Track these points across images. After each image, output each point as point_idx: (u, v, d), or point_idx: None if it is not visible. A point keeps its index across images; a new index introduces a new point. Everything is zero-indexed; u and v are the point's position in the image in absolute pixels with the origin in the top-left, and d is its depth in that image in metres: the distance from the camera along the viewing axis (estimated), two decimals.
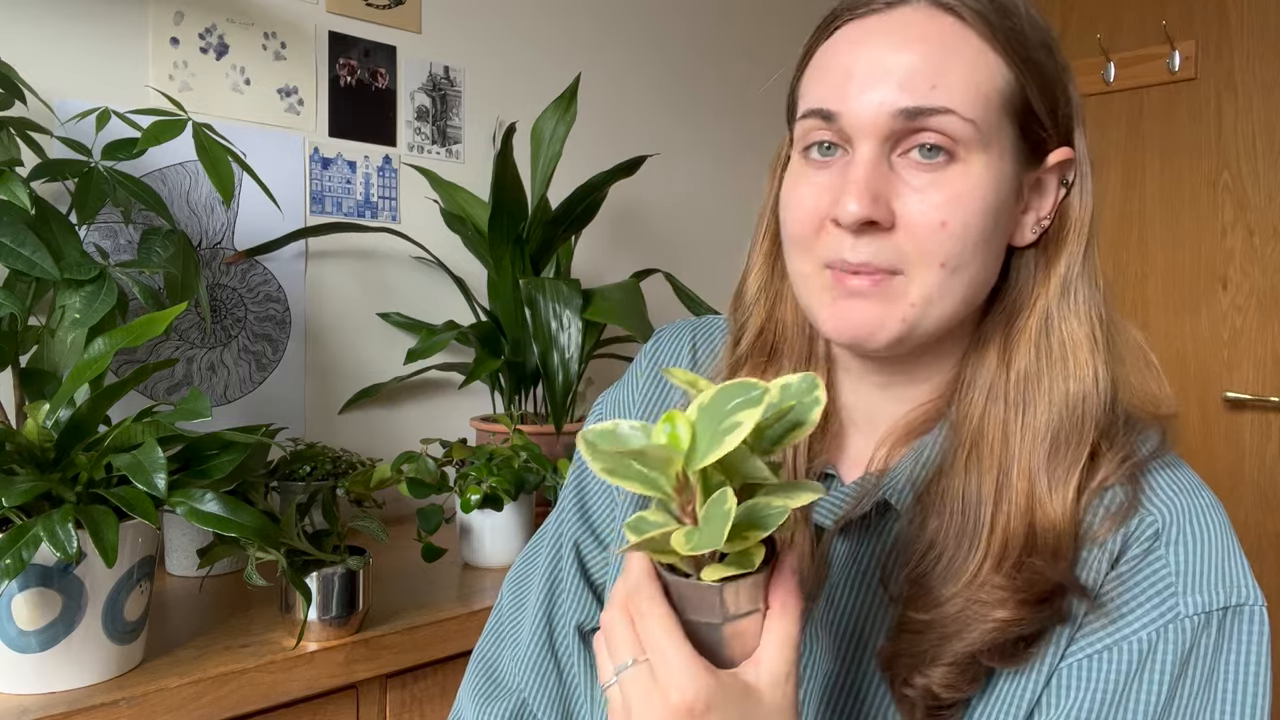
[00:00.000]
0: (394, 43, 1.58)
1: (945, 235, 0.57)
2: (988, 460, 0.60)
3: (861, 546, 0.65)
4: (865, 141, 0.58)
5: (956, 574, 0.57)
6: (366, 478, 1.21)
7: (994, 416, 0.61)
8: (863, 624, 0.63)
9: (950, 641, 0.56)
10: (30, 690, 0.83)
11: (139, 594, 0.89)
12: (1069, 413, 0.59)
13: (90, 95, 1.26)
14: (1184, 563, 0.58)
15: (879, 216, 0.57)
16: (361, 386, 1.52)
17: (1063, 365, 0.60)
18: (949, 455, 0.61)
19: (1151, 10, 2.18)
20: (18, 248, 0.88)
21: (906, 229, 0.58)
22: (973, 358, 0.64)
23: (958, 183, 0.58)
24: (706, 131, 2.05)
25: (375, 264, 1.57)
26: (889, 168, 0.58)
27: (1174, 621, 0.56)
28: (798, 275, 0.63)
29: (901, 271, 0.59)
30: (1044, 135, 0.61)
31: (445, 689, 1.09)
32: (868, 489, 0.64)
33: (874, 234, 0.58)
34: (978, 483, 0.59)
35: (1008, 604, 0.56)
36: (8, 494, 0.77)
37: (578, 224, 1.50)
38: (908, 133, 0.58)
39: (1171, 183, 2.20)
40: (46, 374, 0.95)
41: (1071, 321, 0.61)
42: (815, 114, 0.60)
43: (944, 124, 0.57)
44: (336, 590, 0.98)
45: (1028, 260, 0.64)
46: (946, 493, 0.60)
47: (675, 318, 1.64)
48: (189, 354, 1.37)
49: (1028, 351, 0.61)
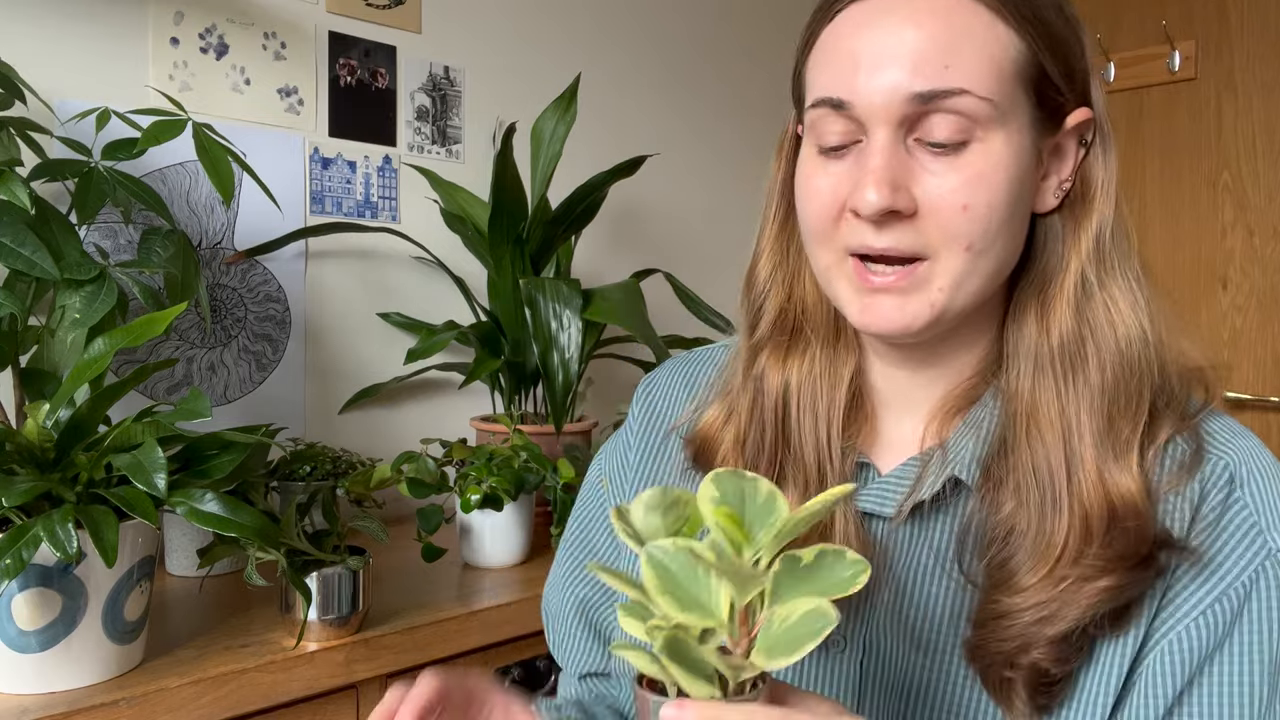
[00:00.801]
0: (394, 43, 1.58)
1: (968, 218, 0.56)
2: (1049, 433, 0.58)
3: (929, 530, 0.62)
4: (879, 128, 0.57)
5: (1045, 554, 0.56)
6: (366, 478, 1.21)
7: (1045, 386, 0.59)
8: (941, 612, 0.61)
9: (1052, 621, 0.55)
10: (30, 690, 0.83)
11: (139, 594, 0.89)
12: (1124, 372, 0.58)
13: (90, 95, 1.26)
14: (1261, 501, 0.58)
15: (900, 205, 0.56)
16: (361, 386, 1.52)
17: (1109, 327, 0.59)
18: (1008, 430, 0.60)
19: (1151, 10, 2.18)
20: (18, 248, 0.88)
21: (928, 215, 0.56)
22: (1011, 330, 0.62)
23: (978, 163, 0.56)
24: (706, 131, 2.05)
25: (375, 264, 1.57)
26: (905, 152, 0.57)
27: (1269, 558, 0.56)
28: (821, 266, 0.62)
29: (925, 257, 0.57)
30: (1061, 100, 0.59)
31: None
32: (930, 467, 0.61)
33: (896, 222, 0.57)
34: (1045, 456, 0.58)
35: (1113, 571, 0.55)
36: (8, 494, 0.77)
37: (578, 224, 1.50)
38: (922, 116, 0.56)
39: (1171, 183, 2.20)
40: (46, 374, 0.95)
41: (1109, 284, 0.60)
42: (825, 103, 0.59)
43: (960, 105, 0.55)
44: (336, 590, 0.98)
45: (1053, 225, 0.62)
46: (1015, 470, 0.58)
47: (675, 318, 1.65)
48: (189, 354, 1.37)
49: (1068, 316, 0.59)
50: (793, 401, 0.66)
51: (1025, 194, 0.59)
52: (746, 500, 0.45)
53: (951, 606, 0.61)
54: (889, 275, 0.58)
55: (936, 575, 0.62)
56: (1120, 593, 0.55)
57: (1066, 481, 0.57)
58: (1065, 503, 0.56)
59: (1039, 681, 0.56)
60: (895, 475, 0.63)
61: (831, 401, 0.65)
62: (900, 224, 0.57)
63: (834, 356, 0.67)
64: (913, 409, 0.66)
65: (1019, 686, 0.56)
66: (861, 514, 0.63)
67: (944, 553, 0.62)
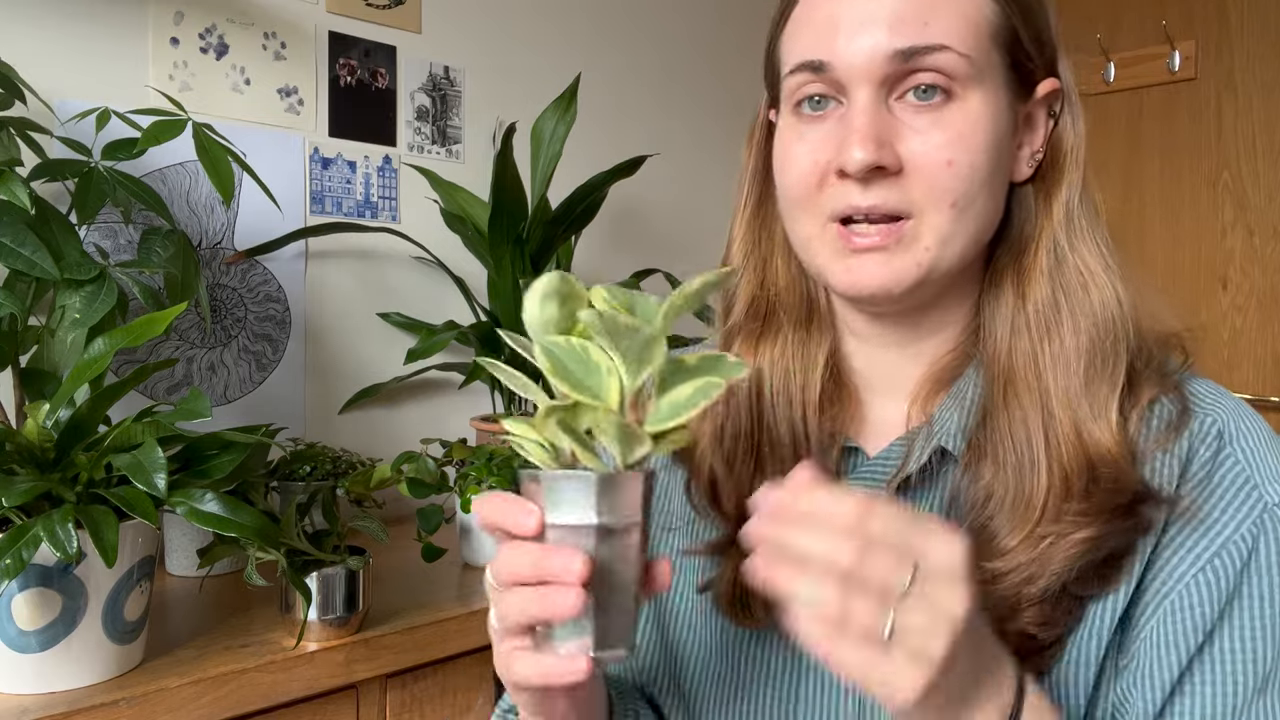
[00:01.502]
0: (394, 43, 1.58)
1: (952, 174, 0.57)
2: (1026, 395, 0.59)
3: (917, 507, 0.62)
4: (861, 87, 0.57)
5: (1025, 516, 0.56)
6: (366, 478, 1.21)
7: (1021, 350, 0.60)
8: None
9: (1035, 581, 0.55)
10: (30, 690, 0.83)
11: (139, 594, 0.89)
12: (1099, 335, 0.59)
13: (90, 95, 1.26)
14: (1252, 455, 0.58)
15: (886, 161, 0.56)
16: (361, 386, 1.52)
17: (1082, 291, 0.60)
18: (989, 398, 0.60)
19: (1151, 10, 2.18)
20: (18, 248, 0.88)
21: (913, 172, 0.57)
22: (988, 299, 0.63)
23: (959, 121, 0.57)
24: (706, 131, 2.05)
25: (375, 264, 1.57)
26: (888, 111, 0.57)
27: (1267, 512, 0.56)
28: (802, 237, 0.62)
29: (910, 216, 0.58)
30: (1031, 66, 0.61)
31: (445, 689, 1.09)
32: (916, 444, 0.62)
33: (881, 179, 0.57)
34: (1023, 418, 0.58)
35: (1091, 523, 0.55)
36: (8, 494, 0.77)
37: (578, 224, 1.50)
38: (904, 74, 0.57)
39: (1171, 183, 2.20)
40: (46, 374, 0.95)
41: (1081, 249, 0.61)
42: (804, 67, 0.59)
43: (940, 61, 0.56)
44: (336, 590, 0.98)
45: (1026, 195, 0.63)
46: (994, 435, 0.59)
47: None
48: (189, 354, 1.37)
49: (1042, 282, 0.61)
50: (766, 387, 0.66)
51: (1003, 156, 0.60)
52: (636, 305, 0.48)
53: None
54: (873, 235, 0.58)
55: None
56: (1099, 544, 0.55)
57: (1044, 443, 0.57)
58: (1043, 464, 0.57)
59: (1028, 648, 0.56)
60: (882, 456, 0.64)
61: (805, 384, 0.65)
62: (886, 181, 0.57)
63: (807, 339, 0.67)
64: (896, 390, 0.66)
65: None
66: None
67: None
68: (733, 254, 0.70)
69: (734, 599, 0.63)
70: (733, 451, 0.66)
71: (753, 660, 0.65)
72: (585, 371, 0.46)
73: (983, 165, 0.58)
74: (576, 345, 0.46)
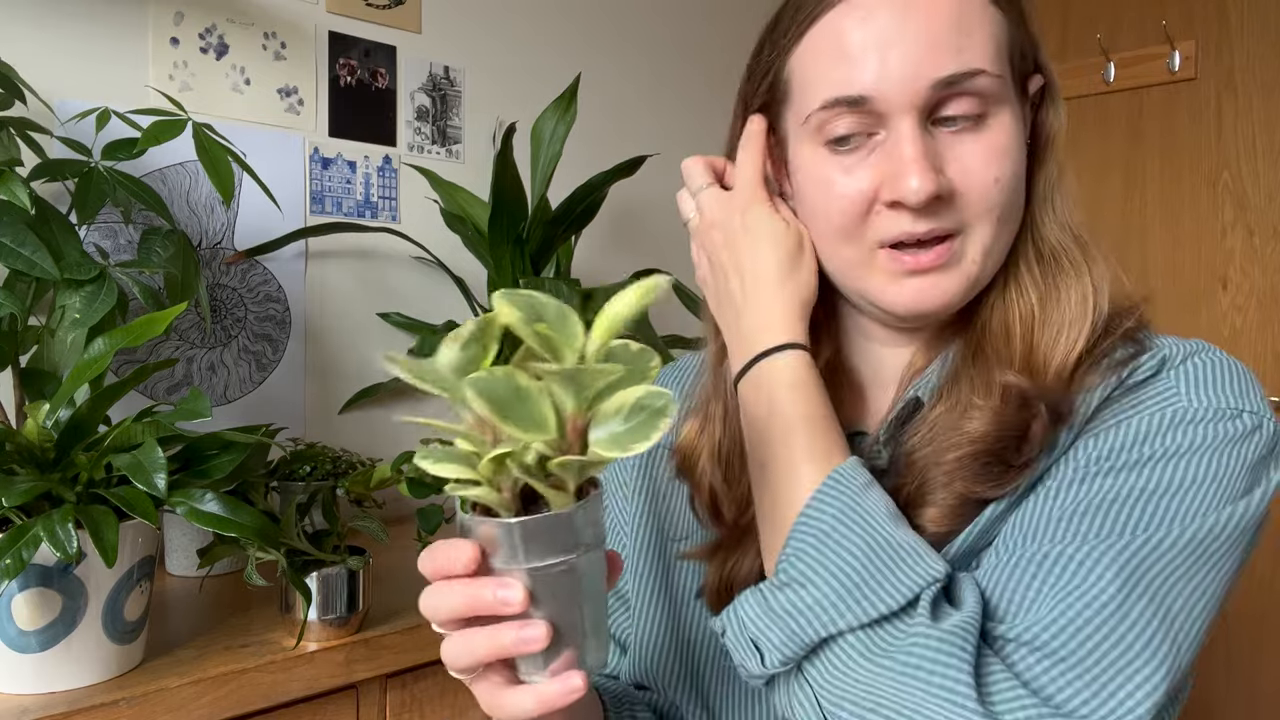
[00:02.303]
0: (394, 43, 1.58)
1: (999, 190, 0.58)
2: (990, 349, 0.60)
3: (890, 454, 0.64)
4: (903, 118, 0.57)
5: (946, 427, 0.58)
6: (366, 478, 1.21)
7: (998, 319, 0.62)
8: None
9: (930, 472, 0.57)
10: (30, 690, 0.83)
11: (139, 594, 0.89)
12: (1073, 310, 0.60)
13: (90, 95, 1.26)
14: (1192, 383, 0.57)
15: (943, 190, 0.57)
16: (361, 386, 1.52)
17: (1055, 269, 0.62)
18: (960, 359, 0.62)
19: (1151, 10, 2.18)
20: (18, 248, 0.88)
21: (964, 192, 0.58)
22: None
23: (998, 138, 0.58)
24: (707, 131, 2.05)
25: (375, 264, 1.57)
26: (931, 138, 0.58)
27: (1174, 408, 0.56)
28: (845, 264, 0.63)
29: (958, 234, 0.59)
30: (1025, 70, 0.63)
31: (445, 689, 1.09)
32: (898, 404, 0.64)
33: (937, 205, 0.58)
34: (983, 365, 0.60)
35: (982, 417, 0.57)
36: (8, 494, 0.77)
37: (578, 224, 1.50)
38: (942, 100, 0.58)
39: (1171, 183, 2.20)
40: (46, 374, 0.95)
41: (1055, 229, 0.63)
42: (839, 103, 0.59)
43: (978, 85, 0.57)
44: (336, 590, 0.98)
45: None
46: (956, 388, 0.61)
47: (675, 318, 1.65)
48: (189, 354, 1.37)
49: (1023, 263, 0.62)
50: None
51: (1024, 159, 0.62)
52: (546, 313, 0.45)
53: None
54: (929, 255, 0.59)
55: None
56: (991, 441, 0.56)
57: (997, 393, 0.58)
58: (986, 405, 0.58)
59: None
60: (883, 430, 0.65)
61: None
62: (940, 206, 0.58)
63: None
64: (895, 376, 0.67)
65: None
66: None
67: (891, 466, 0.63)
68: None
69: (721, 602, 0.64)
70: (730, 467, 0.66)
71: None
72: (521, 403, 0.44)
73: (1018, 176, 0.60)
74: (502, 375, 0.44)
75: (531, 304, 0.44)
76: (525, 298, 0.45)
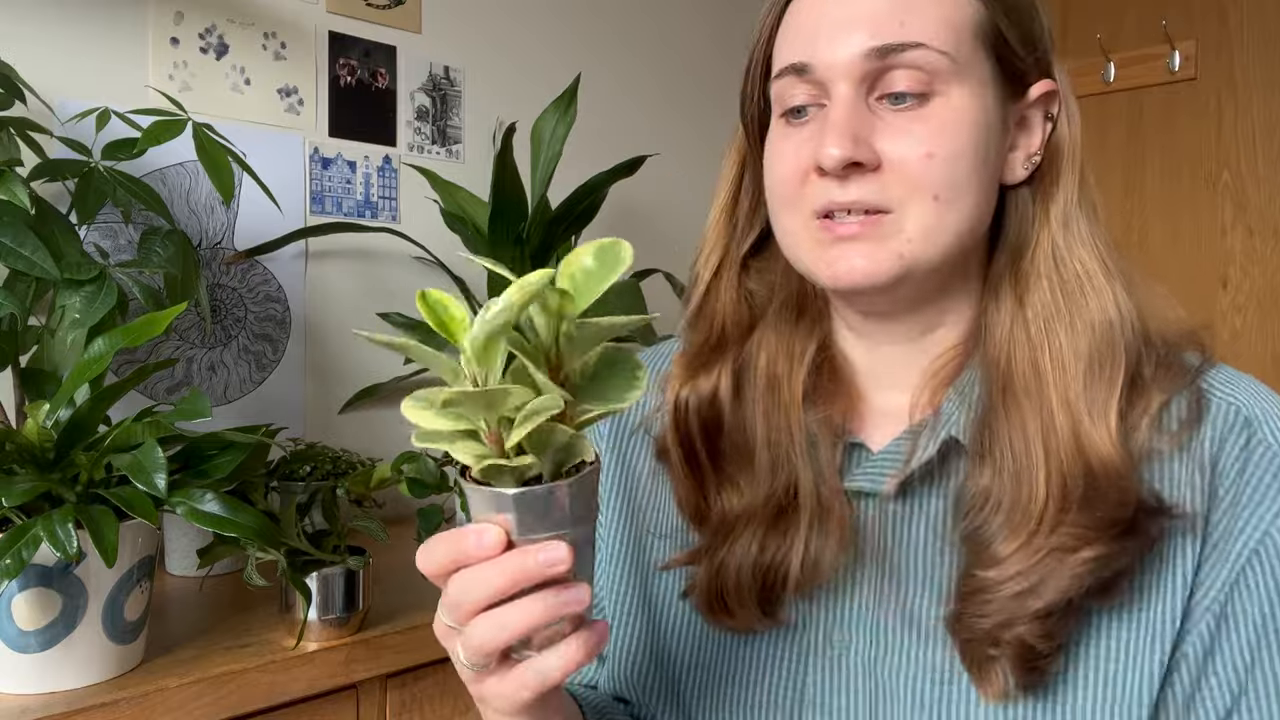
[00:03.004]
0: (394, 43, 1.58)
1: (933, 165, 0.57)
2: (1025, 400, 0.58)
3: (924, 503, 0.62)
4: (839, 85, 0.58)
5: (1021, 523, 0.55)
6: (366, 478, 1.21)
7: (1020, 356, 0.59)
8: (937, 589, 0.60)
9: (1036, 594, 0.54)
10: (30, 690, 0.83)
11: (139, 594, 0.89)
12: (1097, 339, 0.58)
13: (90, 95, 1.26)
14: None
15: (862, 157, 0.56)
16: (361, 386, 1.52)
17: (1080, 295, 0.59)
18: (988, 402, 0.59)
19: (1151, 10, 2.18)
20: (18, 248, 0.88)
21: (893, 167, 0.57)
22: (990, 302, 0.63)
23: (941, 114, 0.57)
24: (706, 131, 2.05)
25: (375, 264, 1.57)
26: (868, 110, 0.58)
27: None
28: (787, 234, 0.62)
29: (891, 210, 0.58)
30: (1022, 67, 0.61)
31: (445, 689, 1.09)
32: (922, 437, 0.61)
33: (860, 176, 0.57)
34: (1021, 423, 0.57)
35: (1095, 540, 0.54)
36: (8, 494, 0.77)
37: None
38: (881, 72, 0.58)
39: (1171, 183, 2.20)
40: (46, 374, 0.95)
41: (1079, 251, 0.60)
42: (788, 70, 0.60)
43: (917, 58, 0.57)
44: (336, 590, 0.98)
45: (1023, 198, 0.63)
46: (994, 441, 0.58)
47: (675, 318, 1.65)
48: (189, 354, 1.37)
49: (1041, 287, 0.60)
50: (747, 390, 0.66)
51: (991, 153, 0.60)
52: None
53: (948, 582, 0.60)
54: (853, 224, 0.58)
55: (934, 549, 0.61)
56: (1106, 563, 0.54)
57: (1042, 448, 0.56)
58: (1041, 469, 0.56)
59: (1026, 658, 0.55)
60: (887, 451, 0.63)
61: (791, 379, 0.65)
62: (865, 177, 0.57)
63: (793, 335, 0.67)
64: (898, 383, 0.65)
65: (1003, 664, 0.55)
66: (850, 494, 0.62)
67: (940, 524, 0.61)
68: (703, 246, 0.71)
69: (709, 602, 0.63)
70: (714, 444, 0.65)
71: (752, 662, 0.64)
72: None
73: (965, 155, 0.58)
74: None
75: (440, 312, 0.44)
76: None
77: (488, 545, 0.46)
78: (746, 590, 0.62)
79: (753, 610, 0.62)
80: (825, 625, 0.63)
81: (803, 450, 0.63)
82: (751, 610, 0.62)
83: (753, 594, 0.62)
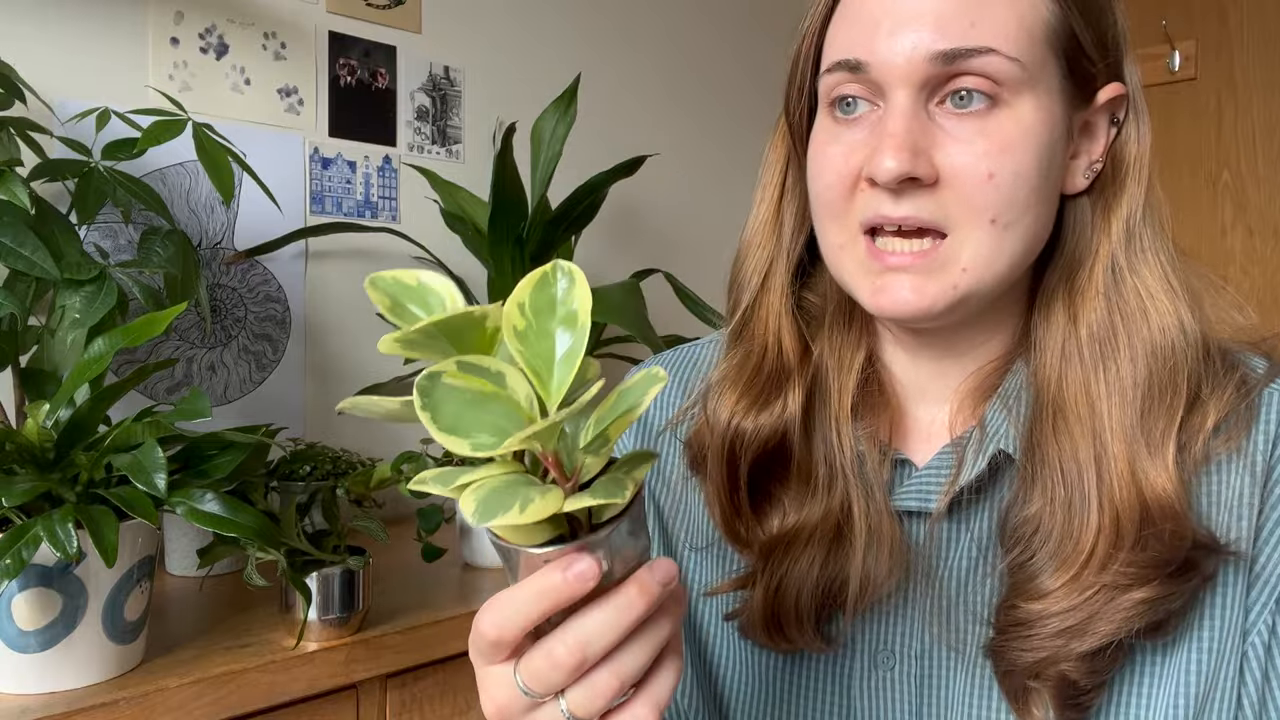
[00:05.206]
0: (394, 43, 1.58)
1: (993, 188, 0.52)
2: (1077, 427, 0.54)
3: (972, 520, 0.59)
4: (898, 90, 0.53)
5: (1070, 558, 0.52)
6: (366, 478, 1.20)
7: (1073, 379, 0.55)
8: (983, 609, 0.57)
9: (1082, 635, 0.51)
10: (30, 690, 0.83)
11: (139, 594, 0.89)
12: (1158, 365, 0.54)
13: (90, 95, 1.26)
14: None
15: (920, 172, 0.52)
16: (361, 386, 1.52)
17: (1141, 316, 0.55)
18: (1035, 424, 0.56)
19: (1151, 10, 2.18)
20: (18, 248, 0.88)
21: (951, 184, 0.53)
22: (1039, 319, 0.58)
23: (1007, 129, 0.52)
24: (706, 131, 2.05)
25: (375, 264, 1.57)
26: (927, 118, 0.53)
27: None
28: (832, 248, 0.58)
29: (946, 233, 0.53)
30: (1092, 71, 0.56)
31: (445, 689, 1.09)
32: (969, 451, 0.57)
33: (915, 190, 0.53)
34: (1073, 452, 0.54)
35: (1149, 581, 0.51)
36: (8, 494, 0.77)
37: (578, 224, 1.50)
38: (946, 78, 0.53)
39: (1171, 183, 2.20)
40: (46, 374, 0.95)
41: (1142, 269, 0.56)
42: (841, 66, 0.55)
43: (986, 65, 0.52)
44: (336, 590, 0.98)
45: (1082, 208, 0.58)
46: (1044, 468, 0.54)
47: (675, 318, 1.65)
48: (189, 354, 1.37)
49: (1098, 305, 0.56)
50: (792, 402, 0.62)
51: (1055, 168, 0.55)
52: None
53: (990, 607, 0.57)
54: (905, 254, 0.54)
55: (980, 570, 0.58)
56: (1158, 605, 0.51)
57: (1096, 479, 0.53)
58: (1094, 502, 0.52)
59: (1069, 693, 0.53)
60: (932, 467, 0.59)
61: (841, 390, 0.61)
62: (920, 192, 0.53)
63: (843, 343, 0.63)
64: (939, 397, 0.62)
65: (1044, 697, 0.53)
66: (900, 514, 0.59)
67: (986, 543, 0.58)
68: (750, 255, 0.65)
69: (765, 625, 0.60)
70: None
71: (800, 683, 0.62)
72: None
73: (1029, 176, 0.53)
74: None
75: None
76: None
77: (586, 575, 0.39)
78: (805, 612, 0.58)
79: (809, 631, 0.59)
80: (871, 646, 0.61)
81: (853, 466, 0.59)
82: (808, 631, 0.59)
83: (810, 615, 0.58)
